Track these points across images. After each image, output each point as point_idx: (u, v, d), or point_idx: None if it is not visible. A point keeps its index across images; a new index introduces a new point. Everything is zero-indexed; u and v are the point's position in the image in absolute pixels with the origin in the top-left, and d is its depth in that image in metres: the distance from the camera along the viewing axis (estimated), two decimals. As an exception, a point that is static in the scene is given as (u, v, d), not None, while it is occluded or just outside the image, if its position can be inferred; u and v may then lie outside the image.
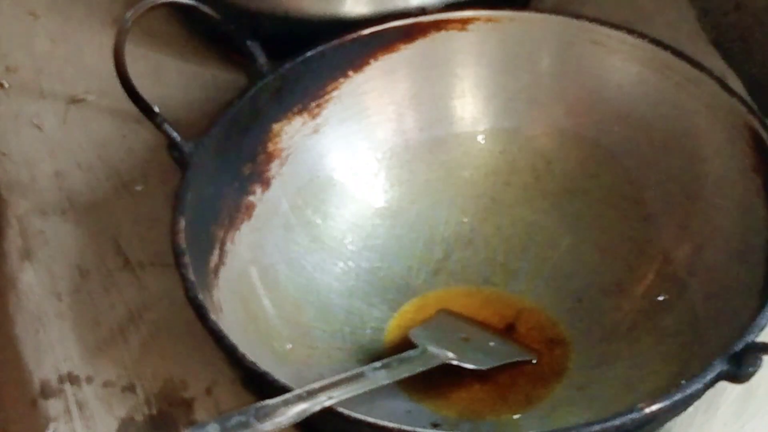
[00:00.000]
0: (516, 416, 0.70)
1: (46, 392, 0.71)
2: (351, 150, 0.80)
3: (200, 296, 0.67)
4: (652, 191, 0.77)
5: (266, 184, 0.77)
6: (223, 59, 0.88)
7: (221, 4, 0.81)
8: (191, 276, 0.67)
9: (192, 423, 0.69)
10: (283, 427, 0.61)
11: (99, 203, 0.81)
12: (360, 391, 0.64)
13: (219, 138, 0.75)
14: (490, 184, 0.81)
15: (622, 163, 0.79)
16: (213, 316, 0.66)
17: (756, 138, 0.72)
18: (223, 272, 0.71)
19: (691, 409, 0.66)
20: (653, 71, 0.77)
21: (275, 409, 0.61)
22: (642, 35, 0.78)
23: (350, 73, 0.80)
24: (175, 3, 0.80)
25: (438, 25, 0.80)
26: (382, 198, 0.80)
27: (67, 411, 0.70)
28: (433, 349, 0.69)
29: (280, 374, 0.63)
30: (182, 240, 0.69)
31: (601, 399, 0.69)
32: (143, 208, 0.80)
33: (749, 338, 0.63)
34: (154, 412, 0.70)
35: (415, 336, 0.71)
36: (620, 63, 0.79)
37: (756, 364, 0.62)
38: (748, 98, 0.77)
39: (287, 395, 0.62)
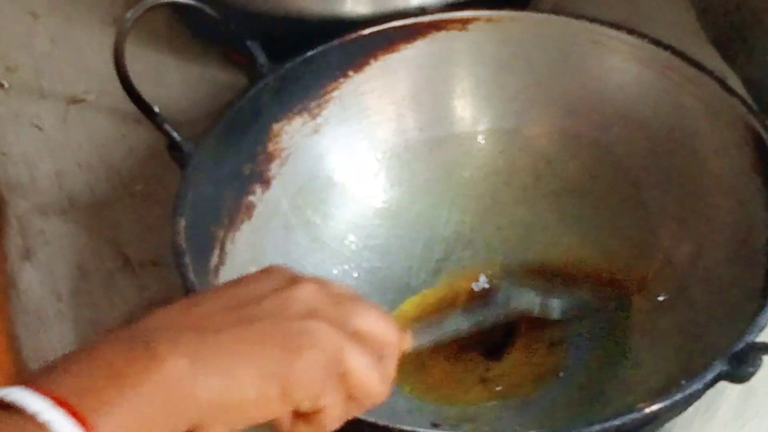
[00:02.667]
0: (516, 416, 0.70)
1: (46, 392, 0.71)
2: (351, 150, 0.80)
3: (200, 296, 0.66)
4: (652, 191, 0.77)
5: (266, 184, 0.77)
6: (223, 59, 0.88)
7: (221, 4, 0.81)
8: (191, 276, 0.67)
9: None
10: None
11: (99, 203, 0.81)
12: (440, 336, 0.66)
13: (219, 138, 0.75)
14: (490, 184, 0.81)
15: (622, 163, 0.79)
16: (213, 316, 0.66)
17: (756, 138, 0.72)
18: (223, 272, 0.71)
19: (691, 409, 0.66)
20: (653, 71, 0.77)
21: None
22: (642, 35, 0.78)
23: (350, 73, 0.80)
24: (175, 3, 0.80)
25: (438, 25, 0.80)
26: (382, 198, 0.80)
27: (67, 411, 0.70)
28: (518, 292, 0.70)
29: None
30: (182, 240, 0.69)
31: (601, 399, 0.69)
32: (143, 208, 0.80)
33: (749, 338, 0.63)
34: (154, 412, 0.70)
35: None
36: (620, 63, 0.79)
37: (756, 364, 0.62)
38: (748, 98, 0.77)
39: None
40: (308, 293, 0.54)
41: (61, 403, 0.46)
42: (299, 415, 0.54)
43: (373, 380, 0.54)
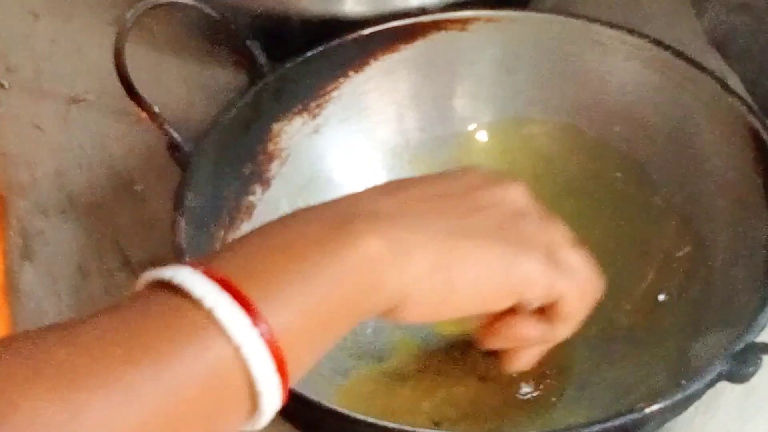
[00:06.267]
0: (516, 416, 0.70)
1: (46, 392, 0.71)
2: (351, 150, 0.80)
3: (200, 296, 0.66)
4: (652, 191, 0.77)
5: (266, 184, 0.77)
6: (223, 59, 0.88)
7: (221, 4, 0.81)
8: (191, 276, 0.67)
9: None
10: None
11: (99, 203, 0.81)
12: None
13: (219, 138, 0.75)
14: (490, 184, 0.80)
15: (622, 163, 0.79)
16: (213, 316, 0.66)
17: (756, 138, 0.72)
18: (223, 272, 0.71)
19: (691, 409, 0.66)
20: (653, 71, 0.77)
21: None
22: (642, 35, 0.78)
23: (350, 73, 0.80)
24: (175, 3, 0.80)
25: (438, 25, 0.80)
26: (382, 198, 0.80)
27: (67, 411, 0.70)
28: None
29: (280, 374, 0.63)
30: (182, 240, 0.69)
31: (601, 399, 0.69)
32: (143, 208, 0.80)
33: (749, 338, 0.63)
34: (154, 412, 0.70)
35: None
36: (620, 63, 0.79)
37: (756, 364, 0.62)
38: (748, 98, 0.77)
39: None
40: (520, 192, 0.53)
41: (229, 288, 0.41)
42: (535, 312, 0.53)
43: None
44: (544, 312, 0.56)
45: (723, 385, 0.63)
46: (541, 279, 0.52)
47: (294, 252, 0.43)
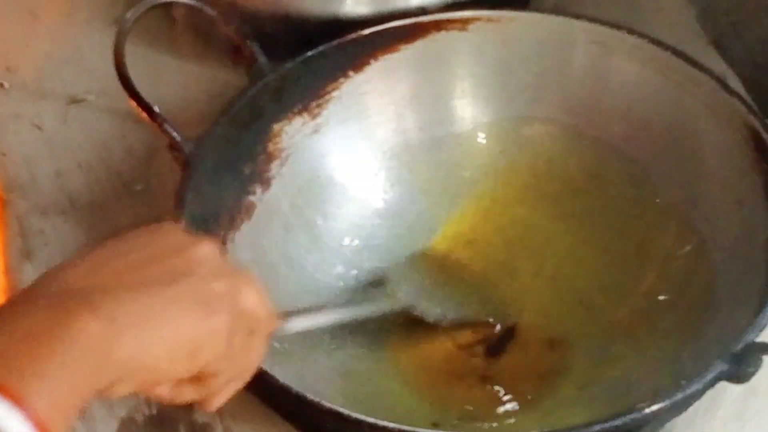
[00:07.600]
0: (516, 416, 0.70)
1: (46, 392, 0.71)
2: (351, 150, 0.80)
3: (200, 296, 0.66)
4: (652, 191, 0.77)
5: (266, 184, 0.77)
6: (223, 59, 0.88)
7: (221, 4, 0.81)
8: (191, 276, 0.67)
9: (192, 423, 0.69)
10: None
11: (99, 203, 0.81)
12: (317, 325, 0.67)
13: (219, 138, 0.75)
14: (490, 184, 0.81)
15: (622, 163, 0.79)
16: (213, 316, 0.66)
17: (756, 138, 0.72)
18: (223, 272, 0.71)
19: (691, 409, 0.66)
20: (653, 71, 0.77)
21: None
22: (642, 35, 0.78)
23: (350, 73, 0.80)
24: (175, 3, 0.80)
25: (438, 25, 0.80)
26: (382, 198, 0.80)
27: (67, 411, 0.70)
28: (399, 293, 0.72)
29: (280, 374, 0.63)
30: (182, 240, 0.68)
31: (601, 399, 0.69)
32: (143, 208, 0.80)
33: (749, 338, 0.63)
34: (154, 412, 0.70)
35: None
36: (620, 63, 0.79)
37: (756, 364, 0.62)
38: (748, 98, 0.77)
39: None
40: (209, 253, 0.56)
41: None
42: (189, 380, 0.55)
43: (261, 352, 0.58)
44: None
45: (723, 385, 0.63)
46: (220, 346, 0.54)
47: (35, 342, 0.48)
